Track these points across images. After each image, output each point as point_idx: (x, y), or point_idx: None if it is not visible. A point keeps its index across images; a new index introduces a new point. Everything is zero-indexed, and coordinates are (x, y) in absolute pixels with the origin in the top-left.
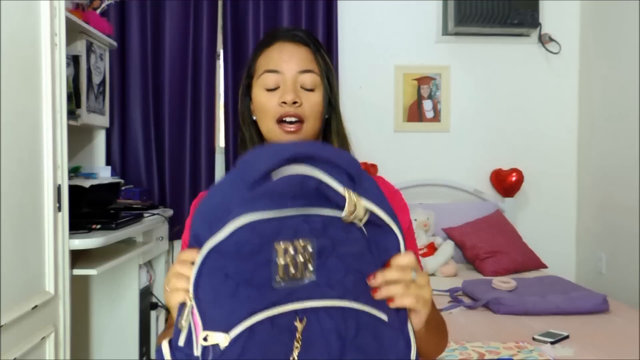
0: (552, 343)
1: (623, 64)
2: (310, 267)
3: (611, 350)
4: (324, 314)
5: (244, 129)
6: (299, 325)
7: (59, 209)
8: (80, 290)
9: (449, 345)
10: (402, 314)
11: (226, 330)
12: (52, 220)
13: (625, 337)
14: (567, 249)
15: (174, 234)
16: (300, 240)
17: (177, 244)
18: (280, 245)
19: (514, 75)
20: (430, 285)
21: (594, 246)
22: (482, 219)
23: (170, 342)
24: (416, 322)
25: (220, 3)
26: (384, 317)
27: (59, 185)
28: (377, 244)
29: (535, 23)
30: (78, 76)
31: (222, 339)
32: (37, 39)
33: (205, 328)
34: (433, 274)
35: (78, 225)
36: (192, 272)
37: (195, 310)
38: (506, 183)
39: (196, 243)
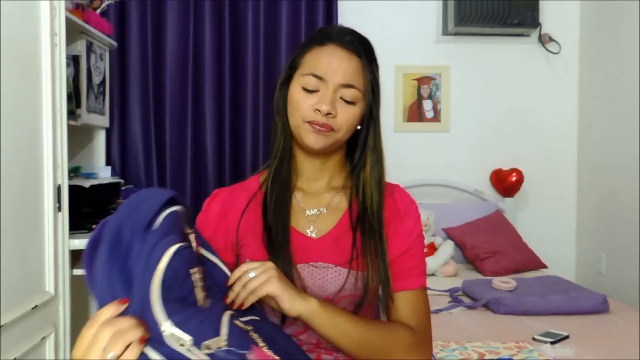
0: (552, 343)
1: (623, 63)
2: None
3: (611, 350)
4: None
5: (277, 118)
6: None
7: (59, 209)
8: (80, 290)
9: (449, 345)
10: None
11: (217, 334)
12: (52, 220)
13: (625, 337)
14: (567, 249)
15: None
16: (197, 268)
17: None
18: (193, 271)
19: (514, 75)
20: (272, 270)
21: (594, 246)
22: (482, 219)
23: None
24: (285, 306)
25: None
26: (256, 317)
27: (59, 185)
28: (213, 277)
29: (535, 23)
30: (78, 76)
31: (222, 342)
32: (37, 39)
33: (196, 342)
34: (433, 274)
35: (78, 225)
36: (156, 307)
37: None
38: (506, 183)
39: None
